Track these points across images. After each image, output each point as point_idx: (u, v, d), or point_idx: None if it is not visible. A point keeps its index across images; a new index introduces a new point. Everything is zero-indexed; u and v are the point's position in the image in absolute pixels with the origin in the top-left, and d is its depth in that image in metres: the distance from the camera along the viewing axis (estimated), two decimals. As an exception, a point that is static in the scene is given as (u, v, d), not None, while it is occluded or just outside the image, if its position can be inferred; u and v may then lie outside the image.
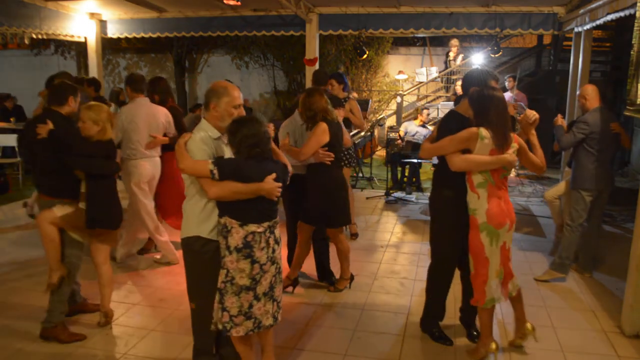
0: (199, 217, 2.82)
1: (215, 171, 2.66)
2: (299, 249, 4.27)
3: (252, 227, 2.72)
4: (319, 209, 4.10)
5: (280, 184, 2.78)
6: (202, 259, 2.84)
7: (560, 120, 4.71)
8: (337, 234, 4.26)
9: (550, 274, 4.62)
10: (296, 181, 3.95)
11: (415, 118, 8.69)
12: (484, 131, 3.07)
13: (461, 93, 3.48)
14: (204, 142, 2.79)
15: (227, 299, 2.72)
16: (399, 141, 8.11)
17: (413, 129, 8.31)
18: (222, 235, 2.75)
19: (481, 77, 3.32)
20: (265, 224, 2.76)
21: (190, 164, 2.72)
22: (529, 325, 3.37)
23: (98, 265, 3.69)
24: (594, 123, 4.40)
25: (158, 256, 5.05)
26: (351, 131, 6.37)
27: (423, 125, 8.37)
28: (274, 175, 2.75)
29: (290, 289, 4.31)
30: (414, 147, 7.95)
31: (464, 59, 10.84)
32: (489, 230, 3.12)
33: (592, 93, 4.52)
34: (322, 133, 3.95)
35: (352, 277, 4.46)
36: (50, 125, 3.41)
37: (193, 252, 2.86)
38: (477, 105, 3.14)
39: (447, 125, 3.28)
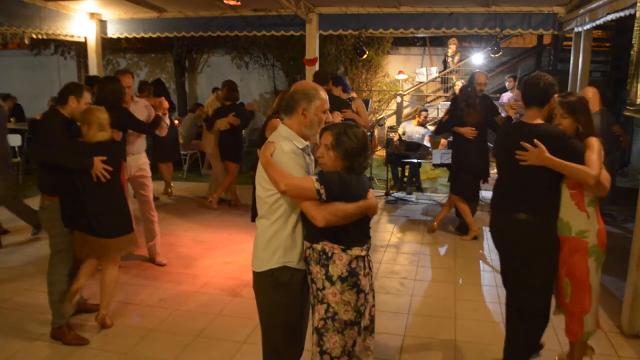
0: (285, 244, 2.40)
1: (322, 191, 2.24)
2: None
3: (356, 251, 2.35)
4: None
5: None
6: (292, 292, 2.43)
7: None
8: None
9: None
10: None
11: (414, 118, 8.71)
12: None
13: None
14: (296, 154, 2.37)
15: (327, 339, 2.33)
16: (396, 141, 8.11)
17: (411, 129, 8.33)
18: (319, 264, 2.34)
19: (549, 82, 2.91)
20: (366, 246, 2.41)
21: (296, 184, 2.25)
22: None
23: (104, 267, 3.71)
24: (597, 127, 4.34)
25: (165, 261, 5.06)
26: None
27: (422, 125, 8.40)
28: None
29: None
30: (410, 146, 7.91)
31: (463, 58, 10.84)
32: (598, 255, 2.82)
33: (593, 96, 4.44)
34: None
35: None
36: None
37: (279, 285, 2.42)
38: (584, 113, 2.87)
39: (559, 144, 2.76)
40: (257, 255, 2.46)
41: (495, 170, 3.32)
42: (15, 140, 8.13)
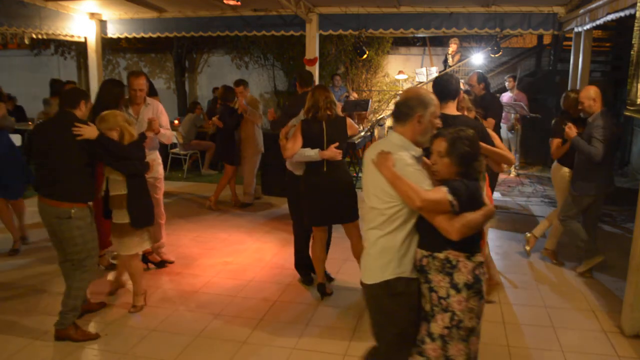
0: (399, 254, 2.34)
1: (455, 202, 2.20)
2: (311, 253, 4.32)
3: (479, 258, 2.33)
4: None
5: None
6: (408, 301, 2.37)
7: (574, 131, 4.43)
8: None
9: (588, 264, 4.64)
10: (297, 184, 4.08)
11: None
12: None
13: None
14: (418, 164, 2.32)
15: (452, 347, 2.30)
16: None
17: None
18: (442, 272, 2.30)
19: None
20: (482, 251, 2.39)
21: (432, 199, 2.19)
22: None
23: (130, 259, 3.93)
24: (607, 126, 4.28)
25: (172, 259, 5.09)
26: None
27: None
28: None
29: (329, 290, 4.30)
30: None
31: (463, 58, 10.84)
32: None
33: (598, 96, 4.39)
34: (295, 132, 3.96)
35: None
36: (94, 128, 3.50)
37: (396, 295, 2.36)
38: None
39: None
40: (369, 267, 2.41)
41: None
42: (15, 140, 8.10)
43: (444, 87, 3.27)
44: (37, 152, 3.54)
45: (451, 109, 3.26)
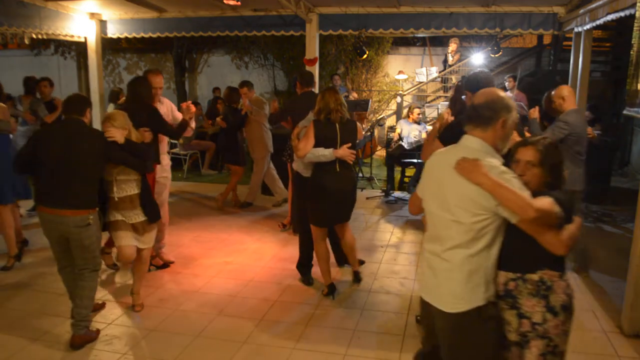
0: (487, 277, 2.14)
1: (560, 214, 2.04)
2: (314, 251, 4.36)
3: (567, 275, 2.19)
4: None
5: None
6: (499, 325, 2.20)
7: (537, 113, 4.61)
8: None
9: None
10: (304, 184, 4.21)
11: (408, 116, 8.70)
12: None
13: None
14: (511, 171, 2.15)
15: None
16: (393, 144, 8.10)
17: (408, 127, 8.28)
18: (536, 296, 2.14)
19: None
20: None
21: (545, 208, 2.01)
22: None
23: (140, 254, 3.95)
24: (574, 124, 4.33)
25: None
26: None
27: (418, 123, 8.34)
28: None
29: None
30: (405, 152, 7.85)
31: (462, 58, 10.84)
32: None
33: (569, 94, 4.48)
34: (307, 132, 4.02)
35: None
36: (122, 131, 3.60)
37: (488, 321, 2.16)
38: None
39: None
40: (456, 293, 2.13)
41: None
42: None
43: (479, 82, 3.15)
44: (46, 162, 3.40)
45: None
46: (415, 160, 7.75)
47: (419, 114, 8.54)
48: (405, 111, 11.53)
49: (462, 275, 2.12)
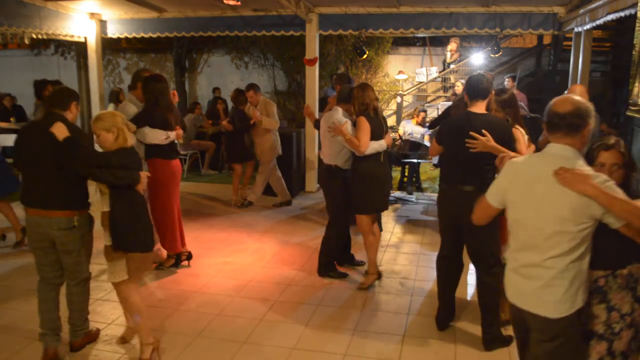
0: (583, 279, 2.19)
1: None
2: (365, 240, 4.47)
3: None
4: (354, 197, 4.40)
5: None
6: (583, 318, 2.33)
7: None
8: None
9: None
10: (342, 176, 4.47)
11: (413, 118, 8.73)
12: None
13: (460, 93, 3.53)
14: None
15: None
16: (398, 141, 8.11)
17: (410, 128, 8.33)
18: (625, 288, 2.29)
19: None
20: None
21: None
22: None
23: (116, 289, 3.39)
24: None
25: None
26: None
27: (421, 125, 8.41)
28: None
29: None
30: (412, 146, 7.91)
31: (462, 58, 10.84)
32: None
33: (582, 94, 4.44)
34: (362, 127, 4.18)
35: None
36: (63, 129, 3.05)
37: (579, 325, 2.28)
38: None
39: None
40: (559, 299, 2.17)
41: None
42: (8, 141, 8.08)
43: (476, 86, 3.40)
44: (25, 161, 3.19)
45: (480, 108, 3.40)
46: (415, 161, 7.75)
47: (423, 118, 8.58)
48: (410, 111, 11.57)
49: (566, 282, 2.15)
